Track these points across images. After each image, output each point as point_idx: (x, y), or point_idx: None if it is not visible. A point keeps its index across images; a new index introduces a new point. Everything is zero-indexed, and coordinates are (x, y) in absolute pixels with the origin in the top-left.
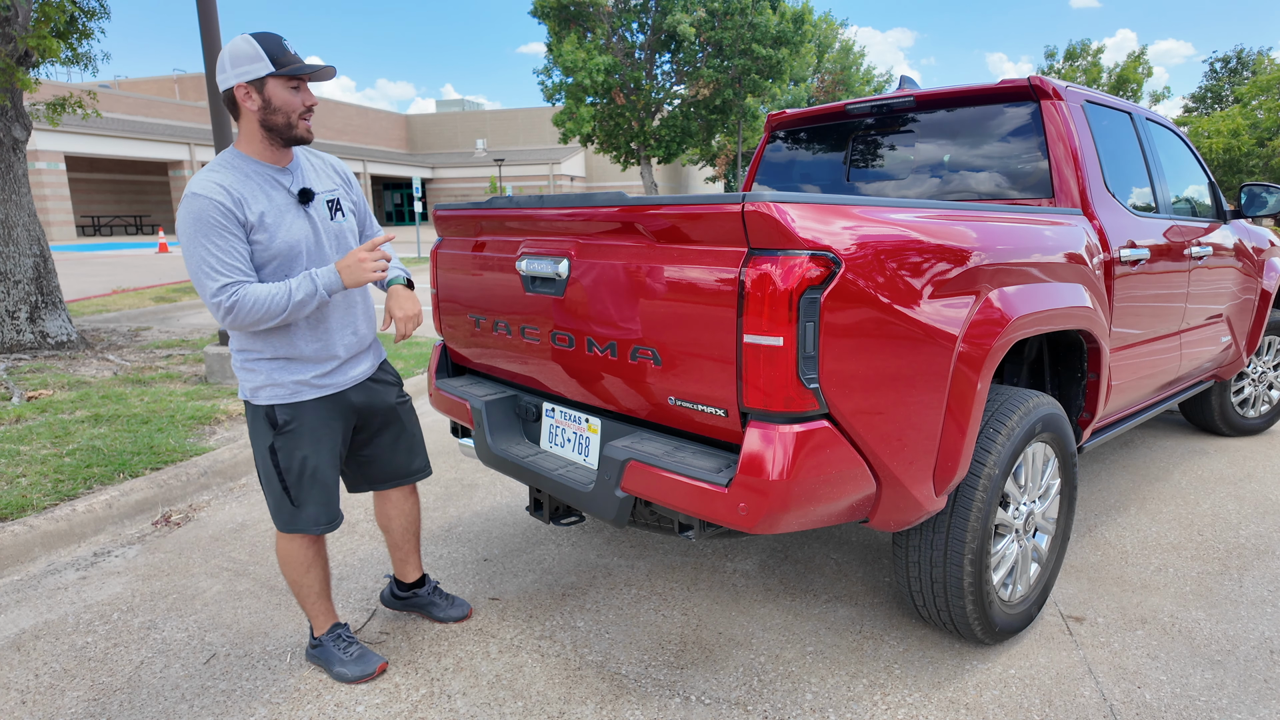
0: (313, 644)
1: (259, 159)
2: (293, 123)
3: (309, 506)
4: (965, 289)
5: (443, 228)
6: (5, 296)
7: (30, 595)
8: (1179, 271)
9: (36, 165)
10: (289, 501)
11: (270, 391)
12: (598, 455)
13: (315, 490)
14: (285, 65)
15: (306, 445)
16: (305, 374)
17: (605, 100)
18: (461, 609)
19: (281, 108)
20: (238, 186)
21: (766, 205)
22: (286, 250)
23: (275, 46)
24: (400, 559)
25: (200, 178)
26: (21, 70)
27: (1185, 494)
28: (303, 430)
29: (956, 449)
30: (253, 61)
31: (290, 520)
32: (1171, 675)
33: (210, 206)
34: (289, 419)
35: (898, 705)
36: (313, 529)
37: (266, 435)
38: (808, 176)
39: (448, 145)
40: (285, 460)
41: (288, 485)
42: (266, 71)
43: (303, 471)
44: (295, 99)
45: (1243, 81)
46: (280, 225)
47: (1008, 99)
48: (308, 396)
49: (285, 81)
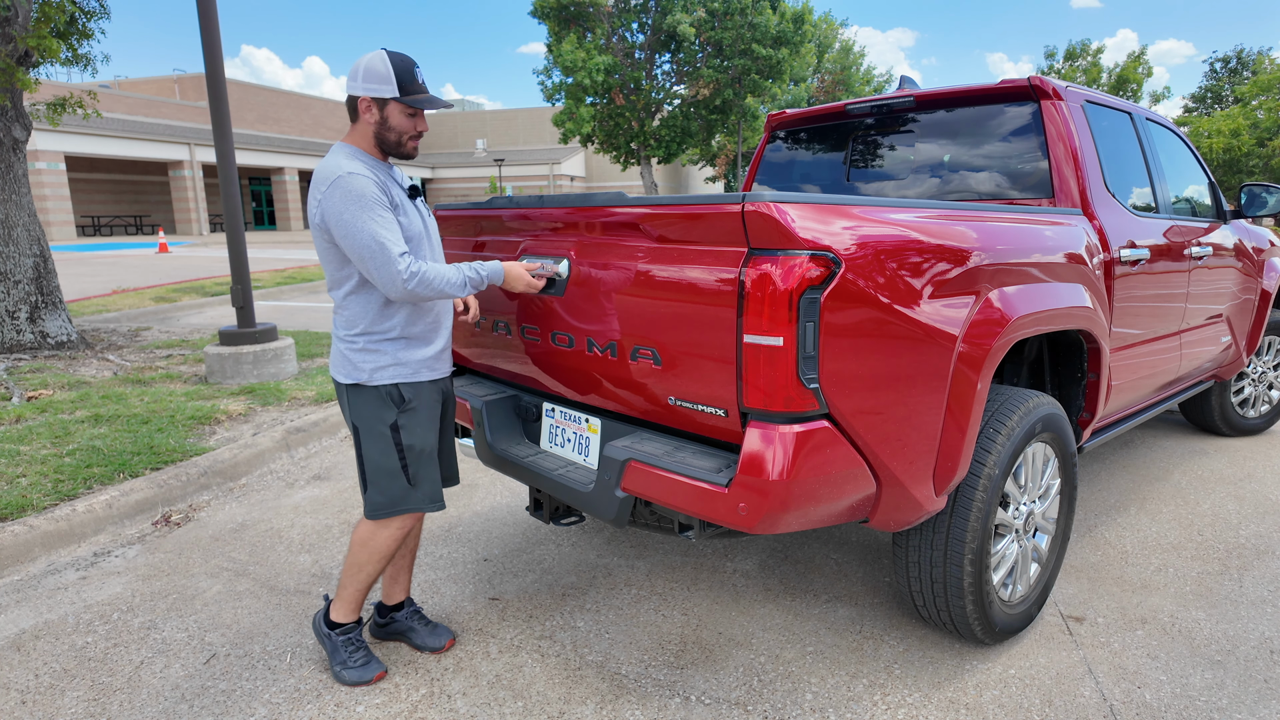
0: (328, 626)
1: (374, 157)
2: (403, 143)
3: (424, 484)
4: (965, 289)
5: (443, 228)
6: (5, 296)
7: (30, 595)
8: (1179, 271)
9: (36, 165)
10: (405, 480)
11: (394, 370)
12: (598, 455)
13: (430, 469)
14: (410, 94)
15: (424, 424)
16: (425, 353)
17: (605, 100)
18: (441, 638)
19: (396, 128)
20: (375, 172)
21: (766, 205)
22: (416, 234)
23: (406, 73)
24: (392, 575)
25: (340, 163)
26: (21, 70)
27: (1185, 494)
28: (422, 409)
29: (956, 449)
30: (383, 82)
31: (402, 499)
32: (1171, 675)
33: (368, 184)
34: (413, 397)
35: (898, 705)
36: (428, 506)
37: (389, 414)
38: (808, 176)
39: (448, 145)
40: (409, 438)
41: (407, 463)
42: (391, 95)
43: (422, 450)
44: (410, 124)
45: (1243, 81)
46: (407, 210)
47: (1008, 99)
48: (425, 377)
49: (405, 108)
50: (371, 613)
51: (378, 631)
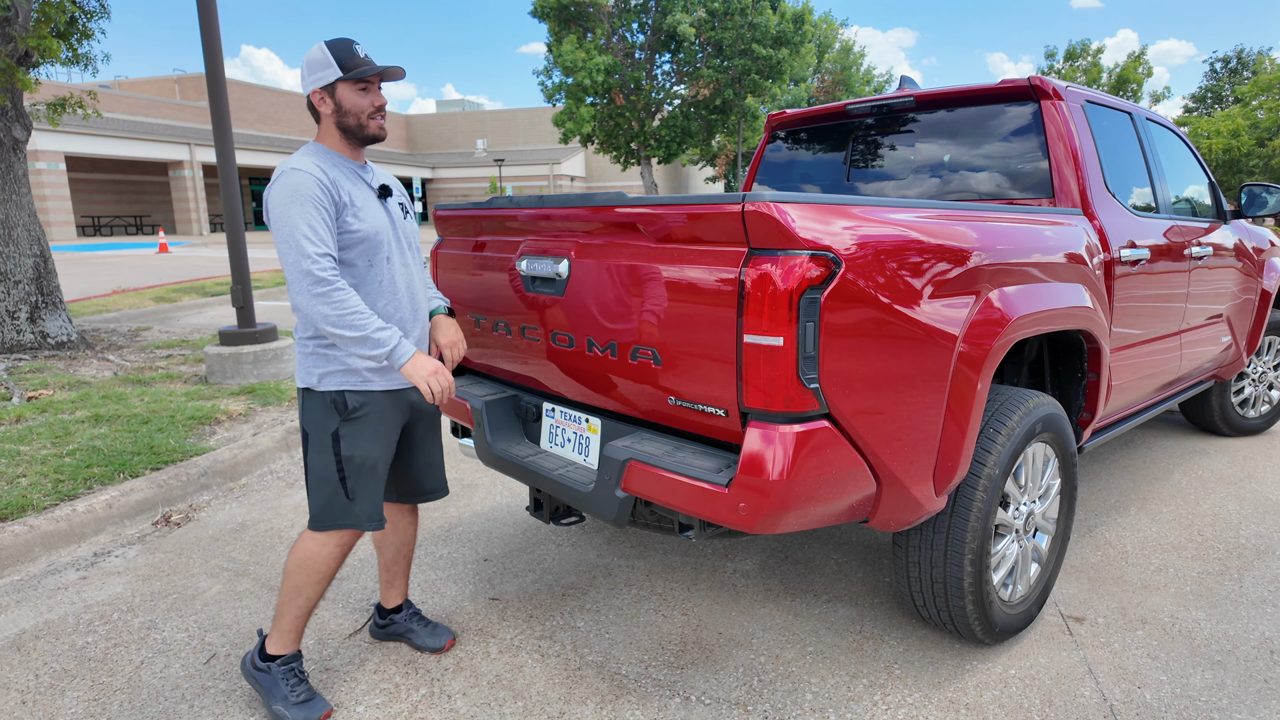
0: (258, 662)
1: (341, 154)
2: (363, 123)
3: (363, 501)
4: (965, 289)
5: (443, 228)
6: (5, 296)
7: (30, 595)
8: (1179, 272)
9: (37, 165)
10: (343, 493)
11: (342, 377)
12: (598, 455)
13: (372, 485)
14: (352, 69)
15: (370, 436)
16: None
17: (605, 100)
18: (441, 638)
19: (352, 110)
20: (330, 171)
21: (767, 205)
22: (373, 234)
23: (344, 51)
24: (387, 580)
25: (298, 159)
26: (22, 70)
27: (1185, 494)
28: (369, 420)
29: (957, 449)
30: (324, 68)
31: (340, 514)
32: (1172, 675)
33: (309, 181)
34: (359, 405)
35: (898, 705)
36: (365, 524)
37: (331, 421)
38: (808, 176)
39: (448, 145)
40: (348, 448)
41: (345, 475)
42: (335, 77)
43: (363, 463)
44: (364, 101)
45: (1243, 81)
46: (367, 211)
47: (1008, 99)
48: (378, 386)
49: (354, 85)
50: (371, 613)
51: (377, 632)
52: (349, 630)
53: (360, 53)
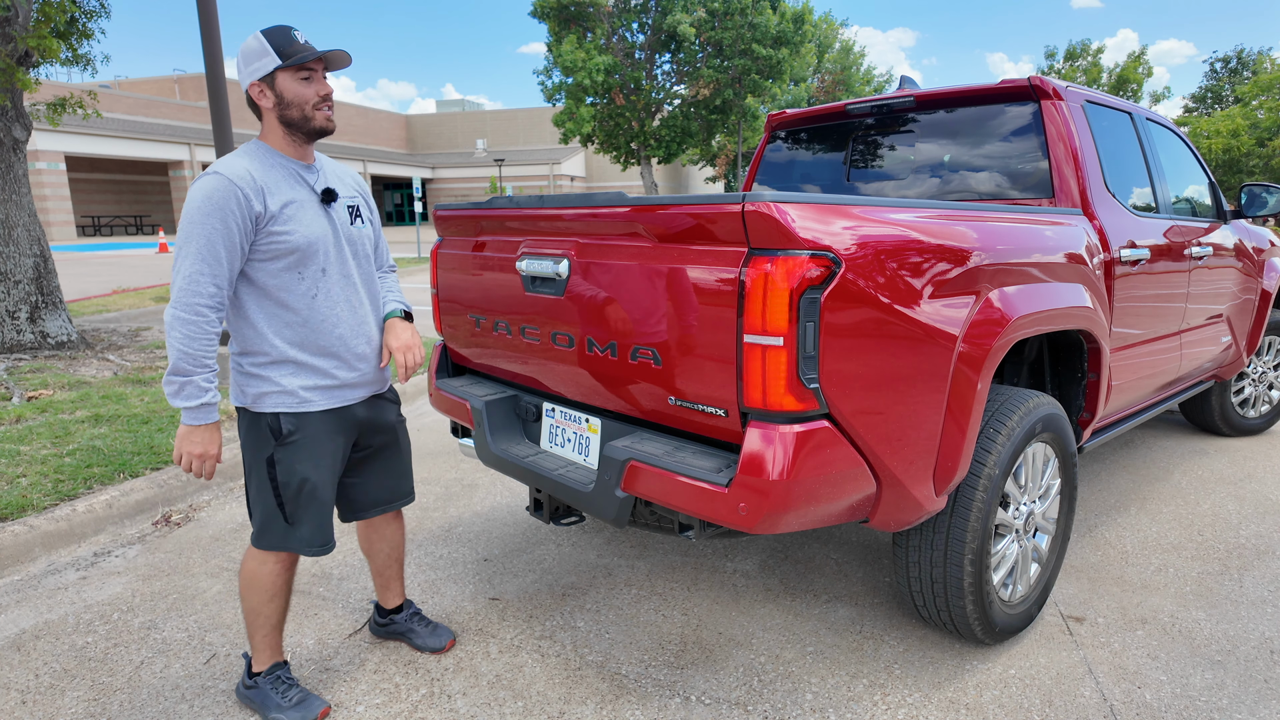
0: (247, 682)
1: (283, 153)
2: (308, 114)
3: (304, 526)
4: (965, 289)
5: (443, 228)
6: (5, 296)
7: (30, 595)
8: (1179, 271)
9: (37, 165)
10: (282, 519)
11: (276, 399)
12: (598, 455)
13: (313, 508)
14: (292, 56)
15: (308, 460)
16: (317, 381)
17: (605, 100)
18: (441, 638)
19: (294, 100)
20: (262, 174)
21: (767, 205)
22: (306, 245)
23: (282, 39)
24: (382, 585)
25: (227, 160)
26: (22, 70)
27: (1185, 494)
28: (306, 443)
29: (957, 449)
30: (261, 58)
31: (281, 539)
32: (1172, 675)
33: (228, 192)
34: (293, 429)
35: (898, 705)
36: (306, 550)
37: (266, 446)
38: (808, 176)
39: (448, 145)
40: (284, 474)
41: (284, 501)
42: (274, 65)
43: (301, 487)
44: (307, 90)
45: (1243, 81)
46: (302, 219)
47: (1008, 99)
48: (317, 407)
49: (294, 73)
50: (371, 612)
51: (378, 631)
52: (349, 630)
53: (300, 39)
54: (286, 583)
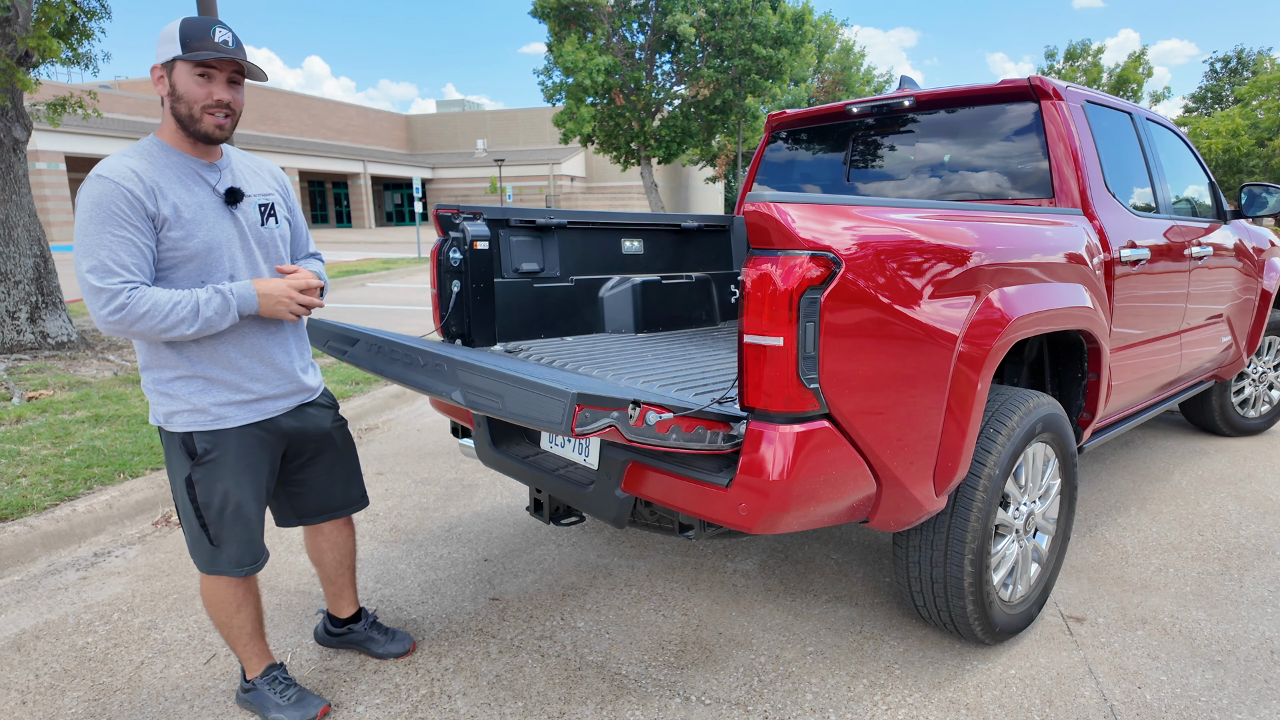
0: (245, 687)
1: (180, 150)
2: (195, 115)
3: (230, 546)
4: (965, 289)
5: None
6: (6, 297)
7: (30, 595)
8: (1179, 272)
9: (37, 165)
10: (207, 540)
11: (188, 418)
12: (598, 455)
13: (237, 528)
14: (192, 50)
15: (229, 478)
16: (231, 396)
17: (605, 100)
18: (402, 644)
19: (185, 96)
20: (152, 175)
21: (767, 205)
22: (205, 251)
23: (194, 30)
24: (334, 594)
25: (109, 161)
26: (22, 70)
27: (1185, 494)
28: (225, 461)
29: (957, 449)
30: (167, 43)
31: (209, 561)
32: (1172, 675)
33: (115, 193)
34: (209, 448)
35: (898, 705)
36: (234, 571)
37: (183, 466)
38: (808, 177)
39: (448, 145)
40: (204, 495)
41: (206, 523)
42: (174, 55)
43: (224, 507)
44: (200, 90)
45: (1243, 81)
46: (200, 223)
47: (1008, 99)
48: (232, 423)
49: (192, 68)
50: (322, 619)
51: (329, 641)
52: None
53: (216, 36)
54: (246, 593)
